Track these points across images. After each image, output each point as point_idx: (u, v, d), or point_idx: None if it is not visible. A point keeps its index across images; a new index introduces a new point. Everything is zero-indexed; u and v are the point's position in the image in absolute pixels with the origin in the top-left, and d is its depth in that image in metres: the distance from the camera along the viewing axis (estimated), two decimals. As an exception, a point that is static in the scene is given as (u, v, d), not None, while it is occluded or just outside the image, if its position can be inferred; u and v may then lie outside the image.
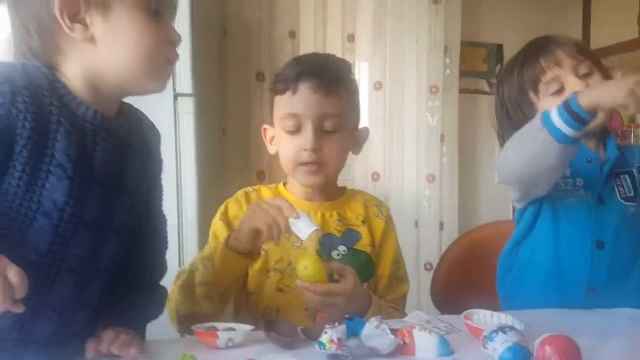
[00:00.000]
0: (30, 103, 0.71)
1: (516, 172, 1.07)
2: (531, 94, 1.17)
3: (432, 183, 2.89)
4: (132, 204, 0.85)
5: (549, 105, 1.14)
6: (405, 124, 2.89)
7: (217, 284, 1.00)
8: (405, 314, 1.12)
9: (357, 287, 0.96)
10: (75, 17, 0.75)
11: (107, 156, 0.79)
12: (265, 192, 1.19)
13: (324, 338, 0.76)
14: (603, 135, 1.18)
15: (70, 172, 0.74)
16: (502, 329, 0.74)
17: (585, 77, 1.11)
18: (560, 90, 1.13)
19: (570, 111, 0.92)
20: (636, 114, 3.29)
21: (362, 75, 2.87)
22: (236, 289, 1.06)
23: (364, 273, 1.09)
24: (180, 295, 1.00)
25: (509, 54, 3.08)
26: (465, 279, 1.25)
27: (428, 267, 2.86)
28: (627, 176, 1.15)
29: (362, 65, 2.88)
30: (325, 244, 1.07)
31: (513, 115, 1.20)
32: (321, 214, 1.13)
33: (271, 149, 1.18)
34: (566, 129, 0.92)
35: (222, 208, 1.16)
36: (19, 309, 0.63)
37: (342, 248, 1.10)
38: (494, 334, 0.74)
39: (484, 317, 0.92)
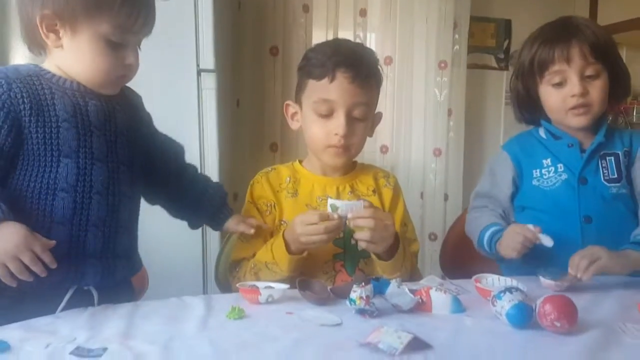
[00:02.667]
0: (23, 87, 0.92)
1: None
2: (537, 76, 1.27)
3: (439, 157, 2.99)
4: (130, 143, 1.04)
5: (546, 92, 1.26)
6: (413, 99, 2.96)
7: (286, 278, 1.10)
8: (418, 270, 1.28)
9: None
10: (50, 28, 0.94)
11: (98, 110, 0.99)
12: (283, 170, 1.30)
13: (353, 295, 0.88)
14: (595, 121, 1.27)
15: (73, 123, 0.95)
16: (509, 289, 0.86)
17: (589, 78, 1.21)
18: (561, 84, 1.23)
19: (490, 248, 1.24)
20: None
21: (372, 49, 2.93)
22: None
23: None
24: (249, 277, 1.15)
25: (517, 29, 3.16)
26: (471, 250, 1.36)
27: (432, 237, 2.98)
28: (612, 158, 1.25)
29: (373, 39, 2.95)
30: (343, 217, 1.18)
31: (520, 82, 1.32)
32: (335, 187, 1.24)
33: (293, 125, 1.28)
34: (488, 253, 1.26)
35: (248, 191, 1.28)
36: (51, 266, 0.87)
37: None
38: (501, 294, 0.86)
39: (492, 281, 1.04)
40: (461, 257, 1.56)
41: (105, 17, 0.93)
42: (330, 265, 1.18)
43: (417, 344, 0.74)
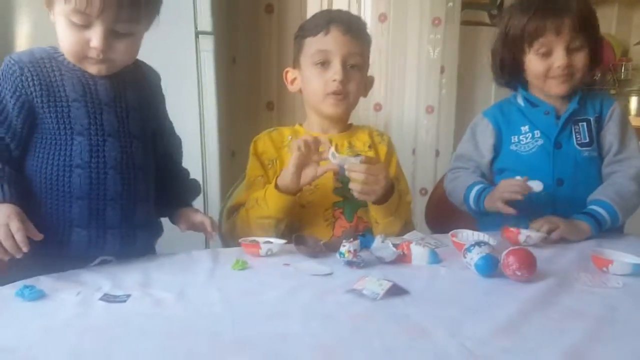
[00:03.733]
0: (34, 70, 0.99)
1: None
2: (526, 45, 1.35)
3: (431, 114, 3.06)
4: (142, 119, 1.10)
5: (532, 61, 1.34)
6: (407, 56, 3.00)
7: (272, 218, 1.22)
8: (412, 220, 1.40)
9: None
10: (49, 4, 1.00)
11: (107, 88, 1.04)
12: (285, 130, 1.41)
13: (343, 249, 1.00)
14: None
15: (83, 102, 1.01)
16: (479, 243, 0.98)
17: (575, 51, 1.30)
18: (547, 54, 1.31)
19: (477, 205, 1.33)
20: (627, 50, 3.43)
21: (367, 7, 2.96)
22: (289, 221, 1.26)
23: None
24: (239, 228, 1.26)
25: (512, -15, 3.16)
26: (453, 207, 1.48)
27: (423, 192, 3.09)
28: (584, 124, 1.36)
29: (367, -3, 2.98)
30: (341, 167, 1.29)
31: (506, 48, 1.40)
32: (334, 143, 1.33)
33: (293, 88, 1.40)
34: (474, 209, 1.36)
35: (251, 147, 1.38)
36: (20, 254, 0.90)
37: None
38: (471, 247, 0.98)
39: (466, 235, 1.16)
40: (444, 213, 1.67)
41: None
42: (330, 213, 1.31)
43: (396, 290, 0.86)
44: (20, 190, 0.96)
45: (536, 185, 1.22)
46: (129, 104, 1.07)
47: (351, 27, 1.30)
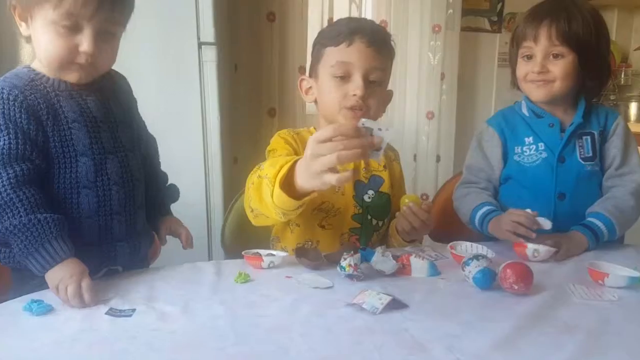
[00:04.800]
0: (35, 92, 0.99)
1: (457, 213, 1.46)
2: (515, 48, 1.40)
3: (431, 120, 3.08)
4: (129, 130, 1.12)
5: (518, 65, 1.39)
6: (408, 62, 3.02)
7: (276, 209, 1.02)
8: None
9: None
10: (21, 16, 1.00)
11: (98, 105, 1.06)
12: (305, 133, 1.32)
13: (343, 263, 1.02)
14: (574, 101, 1.38)
15: (82, 123, 1.02)
16: (477, 256, 1.00)
17: (554, 57, 1.32)
18: (530, 57, 1.34)
19: (482, 228, 1.33)
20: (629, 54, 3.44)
21: (367, 13, 2.99)
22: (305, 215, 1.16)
23: (387, 211, 1.35)
24: (252, 192, 1.08)
25: (511, -9, 3.18)
26: (456, 214, 1.49)
27: (424, 197, 3.10)
28: (588, 138, 1.36)
29: (369, 3, 3.00)
30: (357, 189, 1.30)
31: (510, 49, 1.44)
32: (353, 164, 1.26)
33: (307, 99, 1.33)
34: (479, 230, 1.35)
35: (274, 138, 1.30)
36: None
37: (370, 192, 1.31)
38: (470, 260, 1.00)
39: (465, 247, 1.18)
40: (447, 221, 1.68)
41: (53, 3, 0.94)
42: (346, 237, 1.29)
43: (395, 304, 0.88)
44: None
45: (546, 224, 1.20)
46: (117, 118, 1.09)
47: (376, 39, 1.22)
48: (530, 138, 1.38)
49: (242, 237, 1.41)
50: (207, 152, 2.11)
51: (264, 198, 1.03)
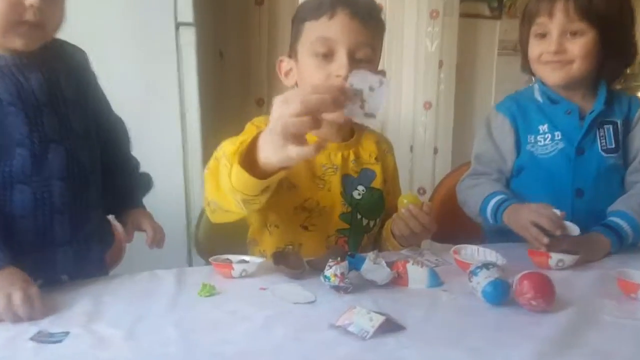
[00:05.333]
0: None
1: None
2: (527, 25, 1.24)
3: (429, 110, 2.94)
4: (83, 112, 0.96)
5: (530, 44, 1.22)
6: (404, 50, 2.87)
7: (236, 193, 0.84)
8: None
9: None
10: None
11: (42, 84, 0.90)
12: None
13: (328, 272, 0.85)
14: (594, 85, 1.22)
15: (20, 106, 0.87)
16: (486, 265, 0.84)
17: (572, 35, 1.15)
18: (543, 36, 1.18)
19: (495, 219, 1.17)
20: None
21: (363, -2, 2.83)
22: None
23: (378, 209, 1.18)
24: (207, 179, 0.91)
25: (511, -25, 3.03)
26: (457, 213, 1.33)
27: (421, 191, 2.96)
28: (610, 127, 1.20)
29: (363, -13, 2.84)
30: (346, 185, 1.14)
31: (519, 30, 1.29)
32: (341, 154, 1.15)
33: (287, 82, 1.16)
34: (491, 222, 1.19)
35: (248, 126, 1.16)
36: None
37: (361, 188, 1.15)
38: (478, 270, 0.83)
39: (471, 252, 1.02)
40: (447, 219, 1.53)
41: None
42: (333, 241, 1.14)
43: (389, 326, 0.72)
44: None
45: (573, 230, 1.04)
46: (68, 98, 0.93)
47: (361, 10, 1.05)
48: (545, 126, 1.22)
49: (216, 240, 1.25)
50: (186, 146, 1.92)
51: (221, 185, 0.85)
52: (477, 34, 3.10)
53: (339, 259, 0.88)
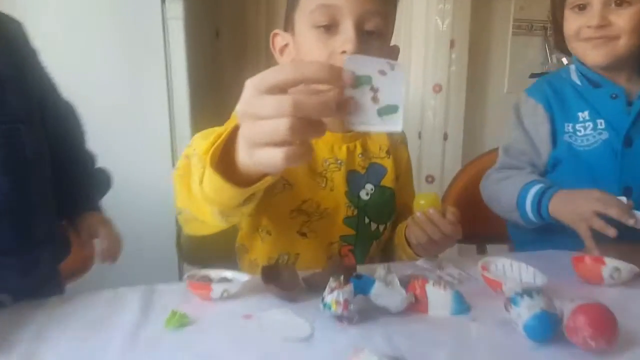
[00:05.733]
0: None
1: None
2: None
3: (439, 93, 2.77)
4: (22, 93, 0.80)
5: (567, 18, 1.03)
6: (412, 28, 2.73)
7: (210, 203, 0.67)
8: None
9: None
10: None
11: None
12: None
13: (329, 299, 0.68)
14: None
15: None
16: (529, 292, 0.66)
17: (618, 6, 0.98)
18: (583, 7, 0.99)
19: (538, 210, 0.97)
20: None
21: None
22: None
23: (389, 212, 1.01)
24: (178, 186, 0.72)
25: (526, -52, 2.86)
26: (478, 203, 1.17)
27: (430, 179, 2.82)
28: None
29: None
30: (351, 183, 0.97)
31: (551, 3, 1.12)
32: (345, 147, 0.97)
33: (283, 60, 0.96)
34: (531, 218, 1.00)
35: (233, 115, 0.91)
36: None
37: (369, 186, 0.99)
38: (518, 298, 0.66)
39: (502, 267, 0.84)
40: (464, 215, 1.37)
41: None
42: (336, 249, 0.97)
43: (407, 378, 0.55)
44: None
45: None
46: (3, 74, 0.76)
47: None
48: (586, 113, 1.04)
49: (202, 244, 1.08)
50: (174, 138, 1.74)
51: (192, 188, 0.66)
52: (491, 12, 2.94)
53: (341, 278, 0.71)
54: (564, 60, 2.84)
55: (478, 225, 1.20)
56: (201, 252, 1.05)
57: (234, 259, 1.03)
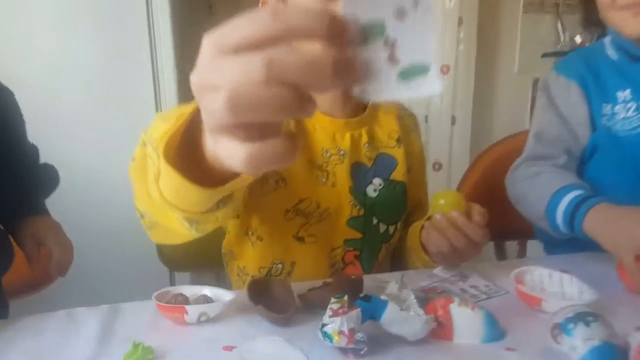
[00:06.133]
0: None
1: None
2: None
3: (446, 74, 2.63)
4: None
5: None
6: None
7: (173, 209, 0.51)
8: None
9: None
10: None
11: None
12: None
13: (330, 327, 0.54)
14: None
15: None
16: (584, 318, 0.52)
17: None
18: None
19: (571, 224, 0.82)
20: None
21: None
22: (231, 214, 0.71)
23: (401, 210, 0.88)
24: (136, 182, 0.57)
25: None
26: (500, 194, 1.02)
27: (437, 166, 2.68)
28: None
29: None
30: (357, 177, 0.83)
31: None
32: (349, 135, 0.83)
33: None
34: (561, 229, 0.84)
35: None
36: None
37: (377, 181, 0.85)
38: (570, 325, 0.52)
39: (540, 278, 0.70)
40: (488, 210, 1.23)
41: None
42: (340, 255, 0.84)
43: None
44: None
45: None
46: None
47: None
48: (627, 92, 0.89)
49: (186, 251, 0.94)
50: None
51: (149, 187, 0.50)
52: (501, -14, 2.81)
53: (345, 297, 0.57)
54: (577, 39, 2.69)
55: (496, 220, 1.05)
56: (185, 259, 0.92)
57: (220, 266, 0.89)
